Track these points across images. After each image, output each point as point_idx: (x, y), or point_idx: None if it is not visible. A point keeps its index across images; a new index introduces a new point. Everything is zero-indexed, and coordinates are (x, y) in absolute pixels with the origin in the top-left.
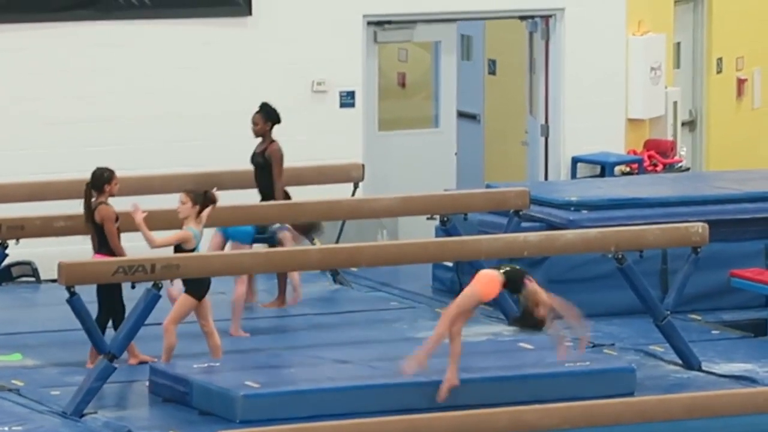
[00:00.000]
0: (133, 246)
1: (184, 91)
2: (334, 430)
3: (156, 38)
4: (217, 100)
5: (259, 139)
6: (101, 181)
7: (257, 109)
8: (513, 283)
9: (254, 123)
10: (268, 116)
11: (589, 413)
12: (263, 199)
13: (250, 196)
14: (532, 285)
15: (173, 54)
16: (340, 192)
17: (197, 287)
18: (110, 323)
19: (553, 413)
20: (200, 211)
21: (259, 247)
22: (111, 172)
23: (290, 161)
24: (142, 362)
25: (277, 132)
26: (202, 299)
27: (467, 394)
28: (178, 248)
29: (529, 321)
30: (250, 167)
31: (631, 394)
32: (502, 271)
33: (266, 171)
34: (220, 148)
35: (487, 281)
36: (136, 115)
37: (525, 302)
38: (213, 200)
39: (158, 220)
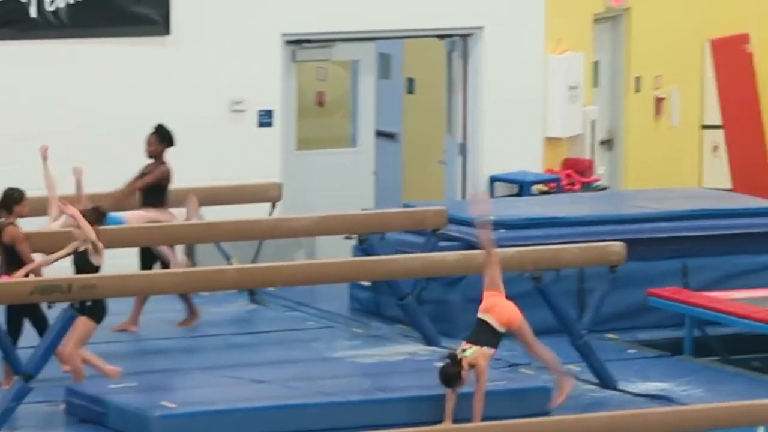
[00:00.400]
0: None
1: (104, 110)
2: None
3: (75, 57)
4: (135, 118)
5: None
6: (11, 201)
7: (152, 130)
8: (497, 337)
9: (148, 144)
10: (162, 138)
11: None
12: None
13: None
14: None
15: (92, 73)
16: (258, 212)
17: (98, 311)
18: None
19: None
20: (98, 228)
21: None
22: (21, 193)
23: (208, 180)
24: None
25: (195, 150)
26: (100, 323)
27: (386, 414)
28: (82, 269)
29: (451, 370)
30: (172, 186)
31: (547, 413)
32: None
33: (152, 191)
34: (138, 167)
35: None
36: (53, 134)
37: (471, 356)
38: (105, 213)
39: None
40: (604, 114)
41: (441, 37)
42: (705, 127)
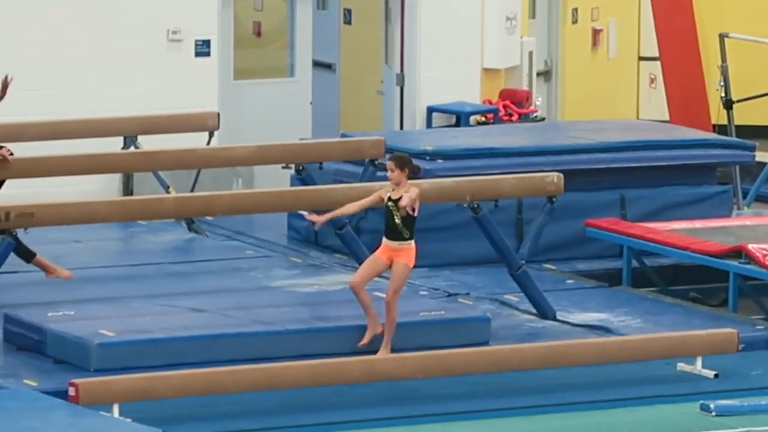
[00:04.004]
0: None
1: (39, 41)
2: (188, 378)
3: None
4: (73, 49)
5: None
6: None
7: None
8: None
9: None
10: None
11: (444, 362)
12: None
13: (111, 144)
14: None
15: (26, 3)
16: (196, 141)
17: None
18: None
19: (408, 362)
20: None
21: None
22: None
23: (146, 110)
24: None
25: (133, 80)
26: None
27: (323, 343)
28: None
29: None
30: (105, 115)
31: (486, 343)
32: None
33: None
34: (75, 97)
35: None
36: None
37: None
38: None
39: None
40: (541, 45)
41: None
42: (642, 58)
